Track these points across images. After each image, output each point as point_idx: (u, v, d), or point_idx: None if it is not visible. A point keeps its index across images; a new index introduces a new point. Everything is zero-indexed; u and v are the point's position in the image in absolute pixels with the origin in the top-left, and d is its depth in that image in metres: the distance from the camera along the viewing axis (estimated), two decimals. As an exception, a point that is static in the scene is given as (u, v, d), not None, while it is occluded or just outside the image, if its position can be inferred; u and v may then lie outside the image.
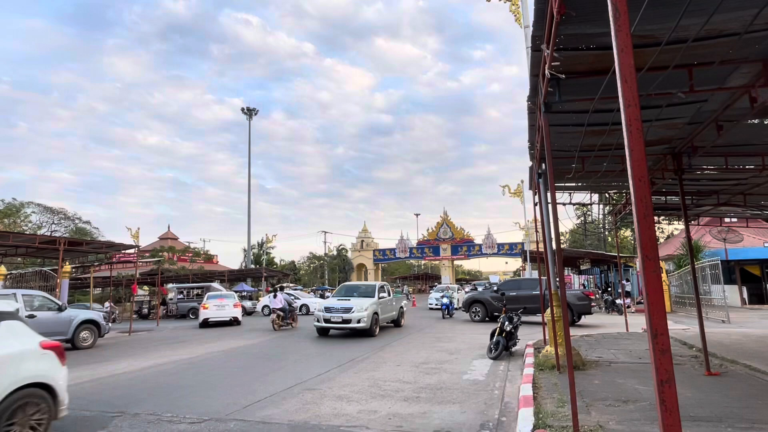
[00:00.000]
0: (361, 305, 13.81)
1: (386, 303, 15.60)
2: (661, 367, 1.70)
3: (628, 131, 1.82)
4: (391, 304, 16.12)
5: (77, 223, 44.37)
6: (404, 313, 17.44)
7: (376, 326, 14.00)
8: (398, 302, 17.33)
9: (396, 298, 17.79)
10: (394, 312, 16.38)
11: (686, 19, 3.82)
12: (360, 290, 15.57)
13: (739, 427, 4.69)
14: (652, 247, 1.75)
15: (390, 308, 15.99)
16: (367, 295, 14.80)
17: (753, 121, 6.73)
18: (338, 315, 13.74)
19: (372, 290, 15.26)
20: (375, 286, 15.67)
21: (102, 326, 13.66)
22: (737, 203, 11.65)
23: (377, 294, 14.92)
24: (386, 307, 15.51)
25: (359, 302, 14.06)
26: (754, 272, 25.47)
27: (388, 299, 15.95)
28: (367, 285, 16.43)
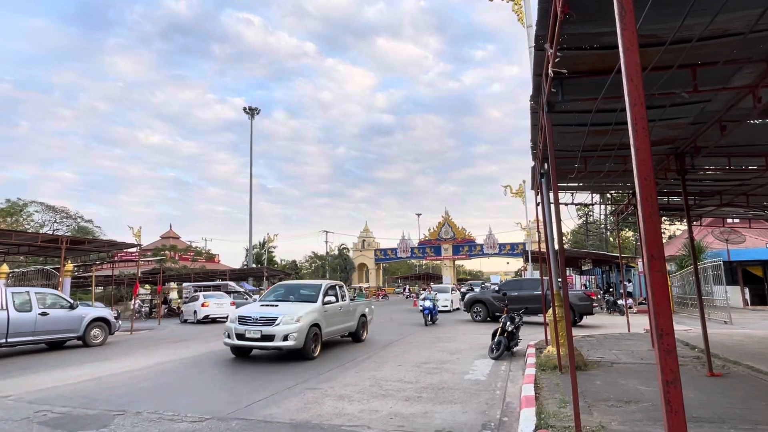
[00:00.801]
0: (292, 314, 9.61)
1: (335, 311, 11.18)
2: (667, 367, 1.69)
3: (633, 130, 1.81)
4: (344, 313, 11.78)
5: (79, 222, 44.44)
6: (367, 323, 13.22)
7: (315, 344, 9.93)
8: (358, 309, 12.74)
9: (357, 303, 13.34)
10: (350, 322, 12.10)
11: (690, 18, 3.80)
12: (299, 292, 11.41)
13: (742, 428, 4.67)
14: (657, 246, 1.74)
15: (343, 317, 11.64)
16: (307, 300, 10.76)
17: (756, 122, 6.71)
18: (256, 328, 9.45)
19: (315, 293, 10.99)
20: (320, 286, 11.26)
21: (112, 324, 13.81)
22: (740, 204, 11.62)
23: (321, 298, 10.71)
24: (336, 316, 11.21)
25: (291, 309, 9.88)
26: (756, 273, 25.39)
27: (339, 306, 11.45)
28: (310, 285, 11.78)
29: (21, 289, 12.56)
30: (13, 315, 11.00)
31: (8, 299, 11.15)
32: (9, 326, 10.84)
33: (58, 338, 12.22)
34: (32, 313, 11.45)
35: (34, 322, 11.43)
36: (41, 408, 6.06)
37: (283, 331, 9.32)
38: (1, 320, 10.75)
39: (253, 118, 46.36)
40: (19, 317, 11.12)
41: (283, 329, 9.33)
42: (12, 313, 10.98)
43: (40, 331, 11.58)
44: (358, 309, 12.81)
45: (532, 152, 8.28)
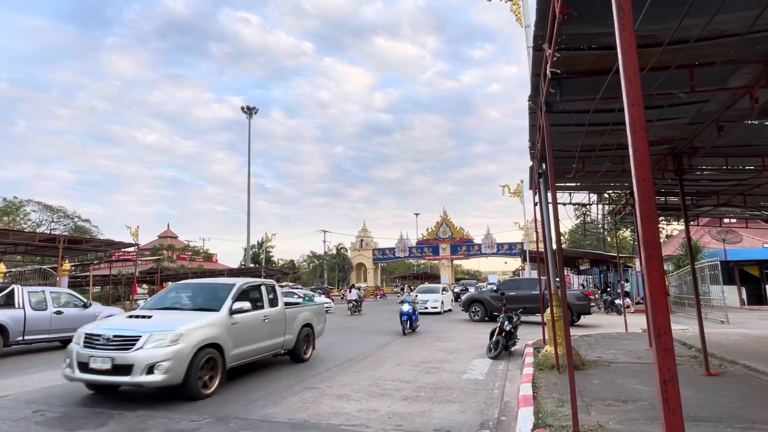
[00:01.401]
0: (166, 331, 6.27)
1: (255, 323, 7.82)
2: (664, 366, 1.70)
3: (632, 130, 1.82)
4: (273, 324, 8.34)
5: (76, 222, 44.37)
6: (313, 335, 9.87)
7: (211, 375, 6.63)
8: (298, 318, 9.28)
9: (299, 309, 9.68)
10: (283, 337, 8.61)
11: (688, 19, 3.82)
12: (198, 297, 7.98)
13: (739, 427, 4.70)
14: (655, 246, 1.75)
15: (269, 331, 8.20)
16: (206, 307, 7.39)
17: (753, 122, 6.74)
18: (105, 354, 6.13)
19: (220, 298, 7.50)
20: (231, 288, 7.74)
21: None
22: (737, 204, 11.66)
23: (229, 304, 7.29)
24: (255, 330, 7.83)
25: (167, 323, 6.55)
26: (753, 273, 25.49)
27: (262, 315, 8.04)
28: (215, 287, 8.18)
29: (37, 288, 12.75)
30: (30, 313, 11.19)
31: (25, 298, 11.33)
32: (26, 324, 11.05)
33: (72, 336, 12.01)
34: (47, 311, 11.61)
35: (50, 321, 11.58)
36: (39, 408, 6.05)
37: (147, 358, 5.91)
38: (18, 318, 10.95)
39: (251, 117, 46.32)
40: (35, 316, 11.30)
41: (146, 356, 5.93)
42: (28, 312, 11.18)
43: (55, 329, 11.71)
44: (298, 318, 9.28)
45: (531, 152, 8.30)
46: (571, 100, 5.37)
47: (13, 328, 10.77)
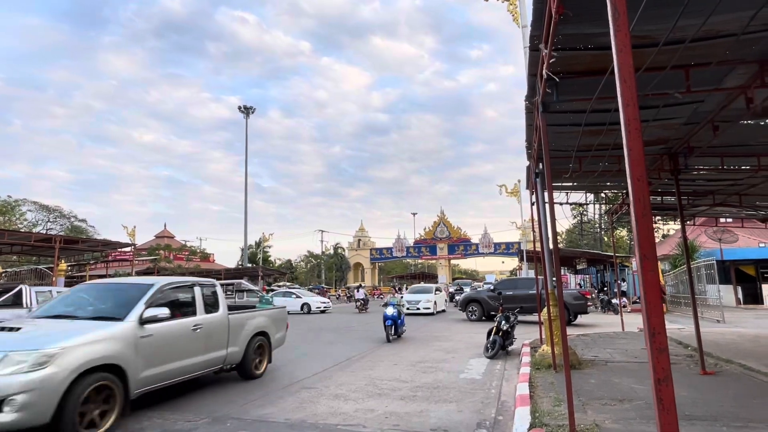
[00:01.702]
0: (31, 348, 4.58)
1: (180, 334, 6.22)
2: (659, 365, 1.71)
3: (626, 131, 1.83)
4: (211, 334, 6.75)
5: (73, 221, 44.22)
6: (268, 345, 8.17)
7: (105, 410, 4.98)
8: (248, 326, 7.68)
9: (249, 315, 7.92)
10: (228, 349, 7.11)
11: (684, 19, 3.83)
12: (102, 301, 6.27)
13: (735, 426, 4.72)
14: (650, 246, 1.75)
15: (206, 342, 6.65)
16: (109, 315, 5.73)
17: (749, 122, 6.76)
18: None
19: (127, 302, 5.86)
20: (149, 288, 6.11)
21: None
22: (733, 204, 11.71)
23: (139, 311, 5.67)
24: (181, 343, 6.21)
25: (43, 337, 4.92)
26: (749, 272, 25.60)
27: (191, 323, 6.41)
28: (126, 287, 6.66)
29: (44, 288, 12.90)
30: None
31: (32, 298, 11.61)
32: None
33: None
34: None
35: None
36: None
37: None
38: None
39: (248, 116, 46.23)
40: None
41: None
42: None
43: None
44: (248, 326, 7.61)
45: (527, 152, 8.31)
46: (568, 100, 5.38)
47: None
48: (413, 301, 22.38)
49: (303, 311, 25.10)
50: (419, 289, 24.62)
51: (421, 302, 22.22)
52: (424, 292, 23.65)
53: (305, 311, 25.14)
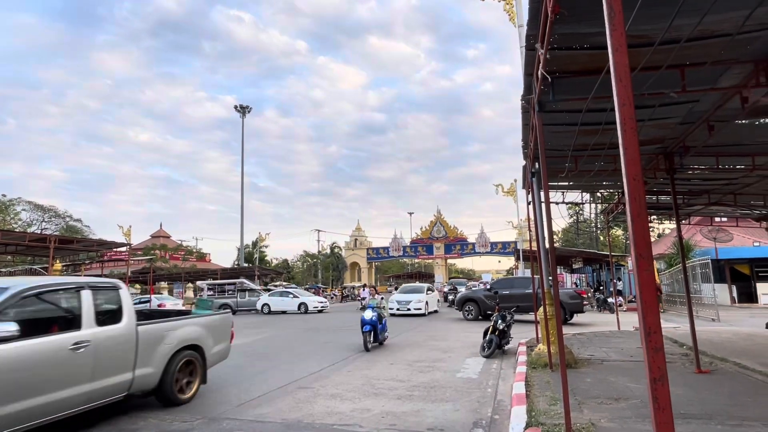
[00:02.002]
0: None
1: (48, 355, 4.50)
2: (654, 364, 1.71)
3: (622, 130, 1.83)
4: (104, 352, 5.05)
5: (68, 221, 44.02)
6: (201, 363, 6.52)
7: None
8: (167, 338, 5.97)
9: (182, 321, 6.45)
10: (135, 371, 5.47)
11: (679, 19, 3.84)
12: None
13: (729, 424, 4.74)
14: (645, 245, 1.75)
15: (94, 365, 4.93)
16: None
17: (744, 122, 6.80)
18: None
19: None
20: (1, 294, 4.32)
21: None
22: (728, 203, 11.76)
23: None
24: (51, 368, 4.52)
25: None
26: (743, 271, 25.75)
27: (71, 341, 4.72)
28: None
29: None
30: None
31: None
32: None
33: None
34: None
35: None
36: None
37: None
38: None
39: (244, 116, 46.15)
40: None
41: None
42: None
43: None
44: (169, 339, 6.00)
45: (524, 151, 8.32)
46: (564, 99, 5.39)
47: None
48: (403, 301, 21.31)
49: (300, 311, 25.04)
50: (410, 289, 23.42)
51: (412, 302, 21.07)
52: (415, 291, 22.52)
53: (302, 311, 25.07)
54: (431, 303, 22.55)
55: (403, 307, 20.95)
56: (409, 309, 20.81)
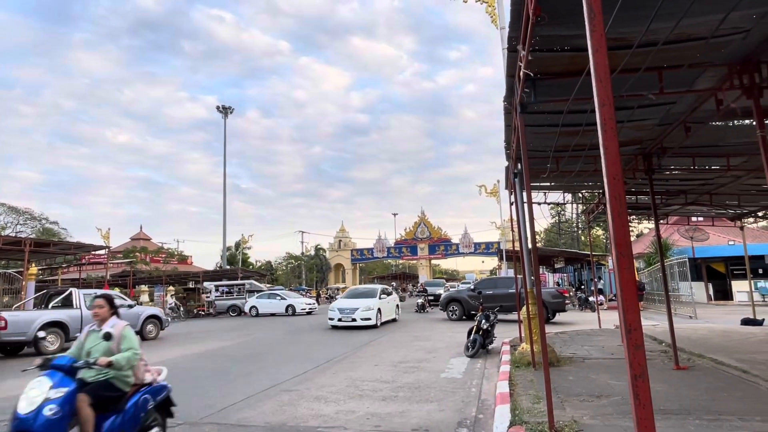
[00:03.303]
0: None
1: None
2: (635, 361, 1.73)
3: (602, 130, 1.85)
4: None
5: (44, 224, 42.91)
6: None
7: None
8: None
9: None
10: None
11: (656, 23, 3.92)
12: None
13: (706, 419, 4.84)
14: (625, 244, 1.78)
15: None
16: None
17: (719, 123, 6.97)
18: None
19: None
20: None
21: (163, 320, 15.57)
22: (704, 203, 12.05)
23: None
24: None
25: None
26: (719, 269, 26.42)
27: None
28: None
29: (89, 290, 14.44)
30: (85, 313, 12.80)
31: (81, 299, 13.04)
32: (82, 322, 12.63)
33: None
34: None
35: None
36: (2, 418, 5.81)
37: None
38: (76, 317, 12.75)
39: (226, 117, 45.61)
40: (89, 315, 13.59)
41: None
42: (84, 311, 12.81)
43: None
44: None
45: (506, 152, 8.39)
46: (545, 101, 5.45)
47: (72, 325, 12.45)
48: (347, 308, 16.38)
49: (288, 313, 24.86)
50: (358, 292, 18.45)
51: (359, 310, 16.10)
52: (364, 295, 17.53)
53: (290, 313, 24.89)
54: (387, 310, 17.76)
55: (347, 316, 16.13)
56: (355, 319, 15.99)
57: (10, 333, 11.54)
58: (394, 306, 18.85)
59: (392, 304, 18.71)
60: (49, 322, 12.14)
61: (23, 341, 11.85)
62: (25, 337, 11.71)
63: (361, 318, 16.00)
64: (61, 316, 12.53)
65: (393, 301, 18.96)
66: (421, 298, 25.50)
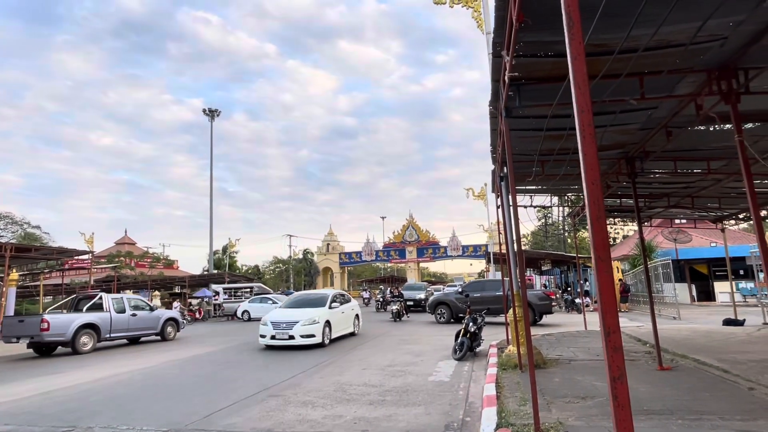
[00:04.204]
0: None
1: None
2: (614, 364, 1.76)
3: (581, 136, 1.88)
4: None
5: (26, 228, 42.06)
6: None
7: None
8: None
9: None
10: None
11: (637, 29, 4.00)
12: None
13: (689, 419, 4.92)
14: (604, 248, 1.81)
15: None
16: None
17: (699, 128, 7.11)
18: None
19: None
20: None
21: (180, 323, 16.63)
22: (686, 205, 12.27)
23: None
24: None
25: None
26: (701, 271, 26.88)
27: None
28: None
29: (117, 295, 16.00)
30: (114, 316, 14.06)
31: (110, 303, 14.15)
32: (111, 324, 13.93)
33: (143, 334, 15.14)
34: (126, 314, 14.45)
35: (127, 321, 14.45)
36: None
37: None
38: (106, 320, 13.84)
39: (213, 120, 45.27)
40: (117, 317, 14.20)
41: None
42: (113, 315, 14.04)
43: (131, 329, 14.60)
44: None
45: (492, 156, 8.47)
46: (530, 105, 5.52)
47: (103, 327, 13.63)
48: (283, 322, 12.46)
49: None
50: (300, 301, 14.38)
51: (298, 325, 12.24)
52: (309, 304, 13.68)
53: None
54: (339, 322, 13.80)
55: (282, 333, 12.27)
56: (293, 337, 12.15)
57: (52, 334, 12.56)
58: (352, 316, 14.92)
59: (349, 314, 14.75)
60: (84, 324, 13.19)
61: (62, 341, 12.85)
62: (64, 338, 12.76)
63: (302, 335, 12.09)
64: (95, 318, 13.61)
65: (350, 309, 14.98)
66: (397, 304, 20.89)
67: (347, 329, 14.50)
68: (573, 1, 1.99)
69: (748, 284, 23.94)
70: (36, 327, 12.41)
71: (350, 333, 14.79)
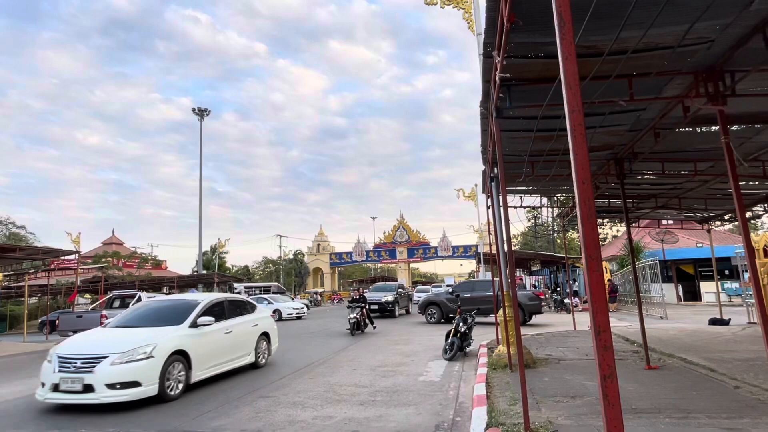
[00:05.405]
0: None
1: None
2: (604, 362, 1.77)
3: (572, 135, 1.89)
4: None
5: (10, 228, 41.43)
6: None
7: None
8: None
9: None
10: None
11: (625, 31, 4.03)
12: None
13: (676, 417, 4.97)
14: (595, 247, 1.82)
15: None
16: None
17: (686, 130, 7.20)
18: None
19: None
20: None
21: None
22: (673, 206, 12.43)
23: None
24: None
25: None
26: (688, 271, 27.25)
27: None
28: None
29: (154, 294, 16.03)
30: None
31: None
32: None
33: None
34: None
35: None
36: None
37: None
38: None
39: (202, 119, 44.89)
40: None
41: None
42: None
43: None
44: None
45: (483, 156, 8.50)
46: (521, 106, 5.54)
47: None
48: (77, 359, 6.44)
49: (274, 318, 24.31)
50: (144, 315, 8.07)
51: (103, 364, 6.31)
52: (156, 320, 7.74)
53: (276, 318, 24.24)
54: (218, 351, 8.07)
55: (73, 380, 6.26)
56: (90, 387, 6.17)
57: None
58: (254, 336, 9.25)
59: (245, 333, 8.99)
60: None
61: None
62: None
63: (111, 382, 6.25)
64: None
65: (251, 326, 9.24)
66: (356, 311, 15.44)
67: (239, 360, 8.72)
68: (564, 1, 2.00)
69: (734, 284, 24.31)
70: (96, 322, 12.96)
71: (249, 364, 9.08)
